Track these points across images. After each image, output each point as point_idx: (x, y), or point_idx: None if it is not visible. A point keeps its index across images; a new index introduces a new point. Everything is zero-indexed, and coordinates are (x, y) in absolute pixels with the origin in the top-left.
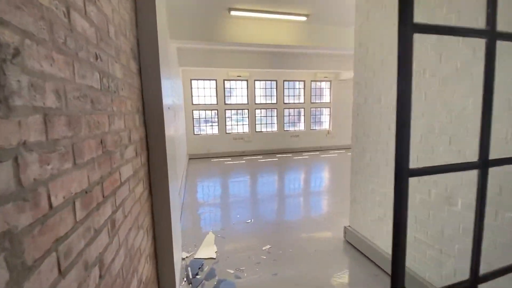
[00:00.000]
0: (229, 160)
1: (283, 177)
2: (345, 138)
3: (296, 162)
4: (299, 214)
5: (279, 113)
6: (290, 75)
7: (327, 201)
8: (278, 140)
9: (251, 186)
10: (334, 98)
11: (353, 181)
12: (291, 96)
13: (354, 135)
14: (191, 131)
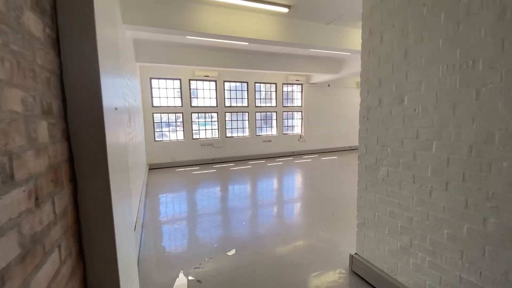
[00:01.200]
0: (197, 169)
1: (260, 188)
2: (317, 142)
3: (271, 169)
4: (287, 237)
5: (251, 117)
6: (261, 77)
7: (316, 218)
8: (250, 145)
9: (225, 200)
10: (306, 102)
11: (361, 200)
12: (262, 99)
13: (363, 144)
14: (151, 137)
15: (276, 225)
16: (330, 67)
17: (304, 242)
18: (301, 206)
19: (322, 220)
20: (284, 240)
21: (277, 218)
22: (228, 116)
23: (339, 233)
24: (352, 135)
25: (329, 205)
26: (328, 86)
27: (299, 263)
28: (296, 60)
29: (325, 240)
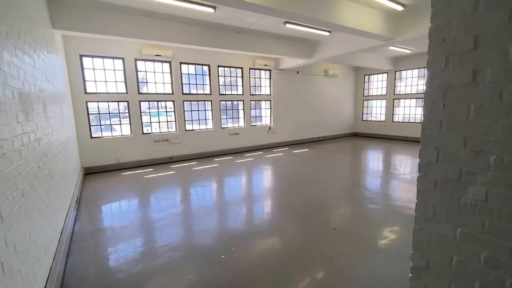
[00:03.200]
0: (151, 171)
1: (231, 194)
2: (286, 134)
3: (241, 167)
4: (280, 274)
5: (215, 107)
6: (226, 60)
7: (314, 235)
8: (215, 139)
9: (191, 218)
10: (274, 90)
11: (422, 233)
12: (227, 86)
13: (432, 146)
14: (86, 133)
15: (258, 254)
16: (302, 50)
17: (311, 284)
18: (290, 218)
19: (323, 237)
20: (275, 279)
21: (257, 238)
22: (187, 105)
23: (357, 261)
24: (320, 126)
25: (323, 215)
26: (297, 73)
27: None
28: (266, 40)
29: (341, 275)
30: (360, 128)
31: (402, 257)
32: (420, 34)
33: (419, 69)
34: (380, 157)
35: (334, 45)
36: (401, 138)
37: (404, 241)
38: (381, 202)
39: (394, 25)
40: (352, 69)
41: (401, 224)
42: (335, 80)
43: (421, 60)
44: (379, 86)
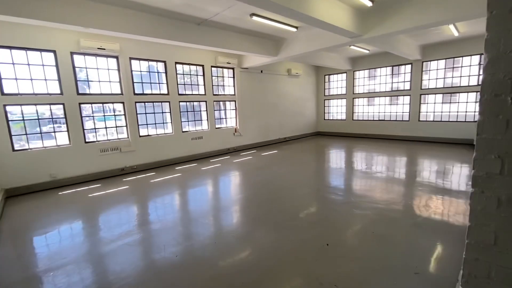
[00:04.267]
0: (97, 188)
1: (204, 210)
2: (253, 136)
3: (208, 175)
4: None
5: (174, 108)
6: (184, 56)
7: (307, 253)
8: (175, 145)
9: (152, 247)
10: (239, 90)
11: (478, 265)
12: (187, 86)
13: (494, 153)
14: (6, 144)
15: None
16: (268, 47)
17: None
18: (272, 234)
19: (317, 256)
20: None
21: (237, 268)
22: (141, 107)
23: (367, 285)
24: (286, 126)
25: (309, 227)
26: (261, 72)
27: None
28: (230, 35)
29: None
30: (323, 127)
31: (408, 273)
32: (387, 31)
33: (379, 69)
34: (348, 155)
35: (300, 42)
36: (362, 135)
37: (403, 252)
38: (364, 206)
39: (362, 22)
40: (313, 69)
41: (393, 230)
42: (297, 80)
43: (377, 60)
44: (339, 86)
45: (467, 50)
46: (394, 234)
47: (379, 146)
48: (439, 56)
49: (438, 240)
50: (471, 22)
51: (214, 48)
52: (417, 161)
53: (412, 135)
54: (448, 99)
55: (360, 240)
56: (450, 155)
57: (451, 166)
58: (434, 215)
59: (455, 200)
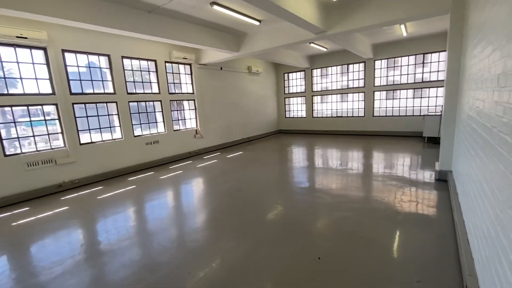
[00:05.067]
0: (25, 212)
1: (167, 231)
2: (215, 137)
3: (168, 184)
4: None
5: (123, 110)
6: (133, 49)
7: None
8: (126, 152)
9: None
10: (198, 88)
11: None
12: (138, 84)
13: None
14: None
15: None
16: (228, 42)
17: None
18: (256, 250)
19: (310, 276)
20: None
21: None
22: (81, 109)
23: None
24: (249, 126)
25: (294, 238)
26: (221, 69)
27: None
28: (187, 26)
29: None
30: (284, 125)
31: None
32: (350, 28)
33: (336, 67)
34: (313, 153)
35: (264, 38)
36: (322, 132)
37: (397, 257)
38: (343, 207)
39: (327, 18)
40: (273, 67)
41: (380, 232)
42: (258, 77)
43: (333, 58)
44: (298, 84)
45: (413, 49)
46: (382, 237)
47: (339, 142)
48: (388, 55)
49: (426, 238)
50: (418, 23)
51: (169, 40)
52: (380, 155)
53: (368, 129)
54: (399, 95)
55: (351, 248)
56: (406, 148)
57: (410, 158)
58: (410, 209)
59: (421, 191)
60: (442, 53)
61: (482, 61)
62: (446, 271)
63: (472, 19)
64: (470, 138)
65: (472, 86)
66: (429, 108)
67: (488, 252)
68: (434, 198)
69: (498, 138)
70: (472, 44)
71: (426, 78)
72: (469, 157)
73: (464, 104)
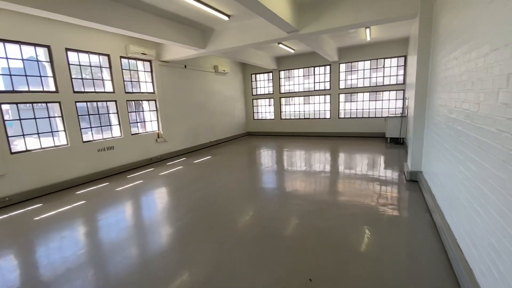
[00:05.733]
0: None
1: (126, 261)
2: (181, 141)
3: (126, 199)
4: None
5: (68, 111)
6: (80, 41)
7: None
8: (73, 160)
9: None
10: (160, 87)
11: None
12: (88, 81)
13: None
14: None
15: None
16: (194, 37)
17: None
18: (242, 273)
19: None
20: None
21: None
22: (12, 111)
23: None
24: (216, 128)
25: (279, 255)
26: (185, 67)
27: None
28: (147, 17)
29: None
30: (253, 127)
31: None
32: (323, 28)
33: (303, 69)
34: (284, 156)
35: (232, 35)
36: (290, 134)
37: (393, 268)
38: (325, 214)
39: (299, 16)
40: (240, 67)
41: (367, 241)
42: (225, 78)
43: (301, 60)
44: (266, 85)
45: (374, 54)
46: (370, 248)
47: (308, 144)
48: (351, 59)
49: (413, 245)
50: (383, 28)
51: (126, 31)
52: (349, 156)
53: (335, 131)
54: (362, 98)
55: (342, 264)
56: (371, 148)
57: (378, 158)
58: (391, 212)
59: (396, 192)
60: (397, 59)
61: (469, 62)
62: (445, 281)
63: (447, 23)
64: (453, 140)
65: (453, 88)
66: (389, 110)
67: (503, 268)
68: (409, 199)
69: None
70: (447, 47)
71: (384, 82)
72: (454, 161)
73: (439, 106)
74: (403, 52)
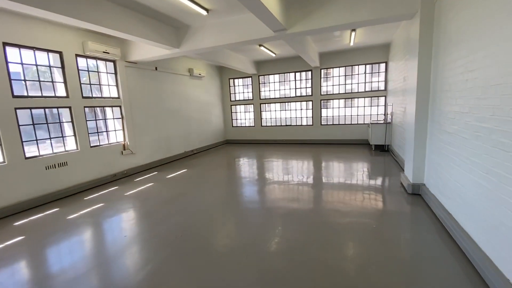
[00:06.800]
0: None
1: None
2: (151, 152)
3: (79, 231)
4: None
5: (5, 121)
6: (22, 34)
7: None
8: (10, 181)
9: None
10: (126, 92)
11: None
12: (32, 83)
13: None
14: None
15: None
16: (166, 34)
17: None
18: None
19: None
20: None
21: None
22: None
23: None
24: (192, 137)
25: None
26: (156, 69)
27: None
28: (110, 8)
29: None
30: (231, 135)
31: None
32: (312, 27)
33: (284, 74)
34: (269, 166)
35: (211, 33)
36: (271, 141)
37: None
38: (334, 243)
39: (287, 14)
40: (217, 71)
41: (394, 278)
42: (201, 82)
43: (282, 65)
44: (245, 91)
45: (356, 60)
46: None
47: (292, 152)
48: (333, 64)
49: (448, 280)
50: (367, 32)
51: (80, 22)
52: (338, 165)
53: (317, 138)
54: (344, 104)
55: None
56: (358, 156)
57: (367, 167)
58: (406, 237)
59: (403, 209)
60: (378, 65)
61: None
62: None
63: (461, 21)
64: (492, 155)
65: (487, 93)
66: (371, 116)
67: None
68: (421, 219)
69: None
70: (465, 47)
71: (365, 88)
72: (497, 180)
73: (455, 113)
74: (384, 58)
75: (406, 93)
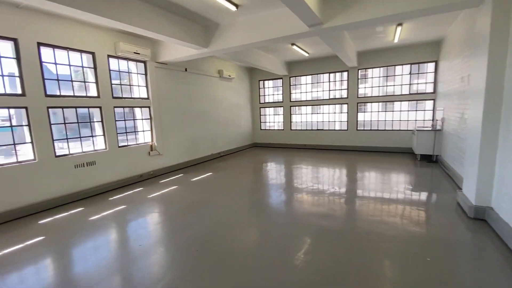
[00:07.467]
0: None
1: None
2: (178, 154)
3: (100, 235)
4: None
5: (38, 119)
6: (56, 34)
7: None
8: (41, 179)
9: None
10: (155, 93)
11: None
12: (65, 83)
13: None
14: None
15: None
16: (195, 33)
17: None
18: None
19: None
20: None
21: None
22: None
23: None
24: (219, 139)
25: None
26: (185, 70)
27: None
28: (139, 6)
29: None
30: (259, 138)
31: None
32: (353, 20)
33: (312, 76)
34: (301, 173)
35: (239, 30)
36: (300, 146)
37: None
38: (387, 277)
39: (324, 6)
40: (247, 72)
41: None
42: (231, 84)
43: (315, 65)
44: (275, 93)
45: (399, 59)
46: None
47: (326, 159)
48: (372, 64)
49: None
50: (416, 27)
51: (115, 22)
52: (380, 177)
53: (352, 144)
54: (385, 108)
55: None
56: (401, 167)
57: (413, 181)
58: (475, 279)
59: (466, 240)
60: (426, 65)
61: None
62: None
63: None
64: None
65: None
66: (416, 122)
67: None
68: (489, 252)
69: None
70: None
71: (422, 90)
72: None
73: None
74: (433, 57)
75: (466, 96)
